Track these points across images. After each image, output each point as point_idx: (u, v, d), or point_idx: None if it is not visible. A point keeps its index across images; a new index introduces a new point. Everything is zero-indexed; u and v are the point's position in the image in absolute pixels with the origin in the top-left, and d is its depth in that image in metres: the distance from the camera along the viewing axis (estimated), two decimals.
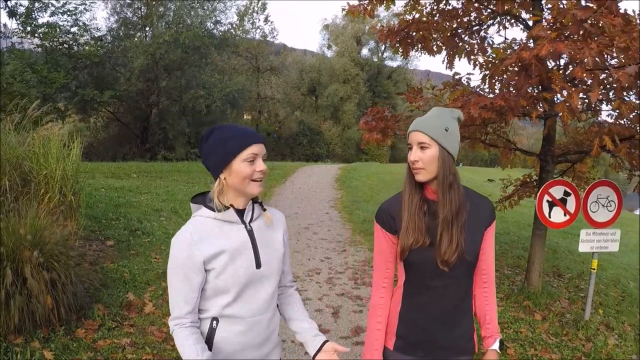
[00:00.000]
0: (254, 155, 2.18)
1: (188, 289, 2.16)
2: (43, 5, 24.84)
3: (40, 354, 4.40)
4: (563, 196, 6.24)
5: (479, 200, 2.39)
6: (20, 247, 4.68)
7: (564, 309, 6.71)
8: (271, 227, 2.39)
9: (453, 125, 2.29)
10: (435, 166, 2.24)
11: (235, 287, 2.19)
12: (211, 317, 2.22)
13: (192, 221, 2.23)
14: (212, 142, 2.19)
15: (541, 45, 4.47)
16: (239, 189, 2.20)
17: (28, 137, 6.70)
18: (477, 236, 2.33)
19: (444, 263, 2.23)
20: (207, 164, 2.23)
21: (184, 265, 2.13)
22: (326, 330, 5.69)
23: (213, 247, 2.15)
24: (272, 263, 2.32)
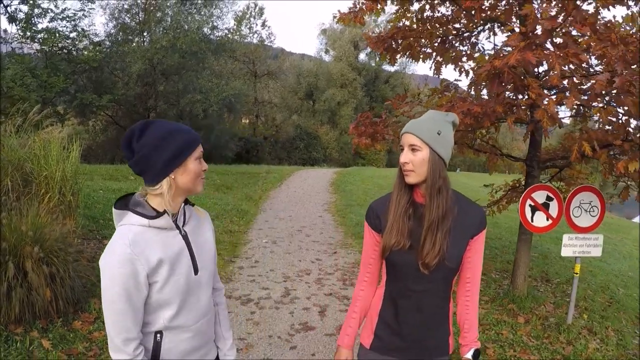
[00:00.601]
0: (202, 153, 2.12)
1: (135, 308, 1.98)
2: (42, 11, 24.96)
3: (39, 343, 4.63)
4: (546, 201, 6.34)
5: (469, 208, 2.37)
6: (21, 243, 4.90)
7: (548, 313, 6.80)
8: (200, 227, 2.29)
9: (446, 129, 2.28)
10: (425, 169, 2.24)
11: (177, 298, 2.07)
12: (154, 331, 2.08)
13: (124, 231, 2.00)
14: (153, 138, 2.00)
15: (510, 54, 4.62)
16: (188, 188, 2.10)
17: (29, 139, 6.90)
18: (462, 243, 2.33)
19: (425, 266, 2.26)
20: (149, 163, 2.01)
21: (128, 284, 1.93)
22: (312, 328, 5.87)
23: (154, 259, 2.00)
24: (207, 266, 2.25)
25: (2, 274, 4.64)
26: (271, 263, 8.60)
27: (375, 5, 6.58)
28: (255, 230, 11.42)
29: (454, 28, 7.19)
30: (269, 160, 45.89)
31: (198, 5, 33.02)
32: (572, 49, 4.64)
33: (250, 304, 6.54)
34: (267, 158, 46.53)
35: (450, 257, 2.27)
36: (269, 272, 8.04)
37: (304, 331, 5.78)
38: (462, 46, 7.33)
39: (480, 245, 2.39)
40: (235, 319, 6.01)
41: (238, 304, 6.49)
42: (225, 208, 13.28)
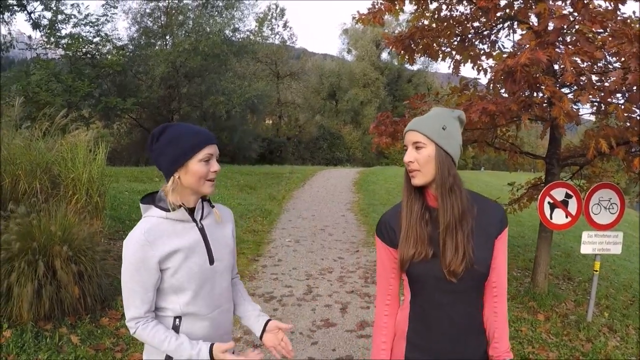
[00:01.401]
0: (209, 156, 2.20)
1: (144, 289, 2.15)
2: (66, 17, 25.23)
3: (68, 339, 4.79)
4: (565, 198, 6.34)
5: (487, 206, 2.19)
6: (50, 242, 5.05)
7: (568, 311, 6.79)
8: (220, 223, 2.41)
9: (452, 124, 2.13)
10: (431, 167, 2.06)
11: (191, 285, 2.20)
12: (173, 316, 2.24)
13: (144, 222, 2.20)
14: (165, 140, 2.18)
15: (522, 53, 4.67)
16: (194, 188, 2.21)
17: (56, 143, 7.08)
18: (488, 244, 2.12)
19: (452, 274, 2.04)
20: (160, 163, 2.20)
21: (139, 266, 2.12)
22: (333, 324, 5.95)
23: (167, 247, 2.16)
24: (224, 258, 2.36)
25: (33, 273, 4.80)
26: (294, 261, 8.70)
27: (393, 6, 6.61)
28: (279, 230, 11.53)
29: (473, 27, 7.19)
30: (293, 160, 45.95)
31: (219, 8, 33.18)
32: (583, 47, 4.67)
33: (273, 301, 6.65)
34: (290, 158, 46.59)
35: (478, 260, 2.06)
36: (291, 270, 8.15)
37: (325, 327, 5.86)
38: (481, 44, 7.33)
39: (503, 245, 2.17)
40: None
41: (261, 302, 6.59)
42: (249, 208, 13.42)
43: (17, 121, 7.60)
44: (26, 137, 7.06)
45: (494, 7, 5.88)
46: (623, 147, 5.65)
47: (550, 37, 4.85)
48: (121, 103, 25.57)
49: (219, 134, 33.64)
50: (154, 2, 32.63)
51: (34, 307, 4.80)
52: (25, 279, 4.75)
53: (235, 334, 5.43)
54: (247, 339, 5.38)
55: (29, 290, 4.72)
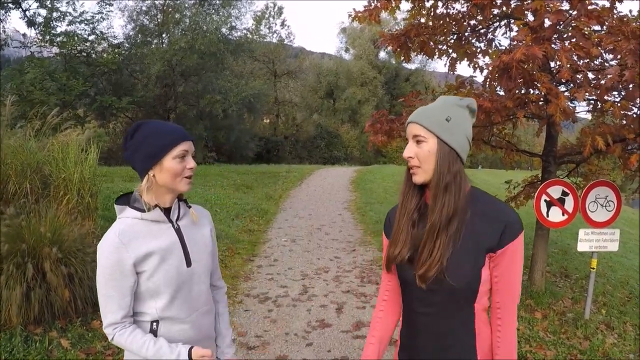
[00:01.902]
0: (184, 152, 2.15)
1: (120, 293, 2.09)
2: (61, 14, 25.17)
3: (58, 343, 4.71)
4: (561, 196, 6.31)
5: (492, 212, 1.90)
6: (40, 244, 4.98)
7: (566, 308, 6.77)
8: (198, 224, 2.36)
9: (458, 114, 1.92)
10: (433, 163, 1.88)
11: (168, 288, 2.15)
12: (151, 320, 2.17)
13: (118, 223, 2.14)
14: (139, 138, 2.13)
15: (517, 49, 4.61)
16: (169, 187, 2.15)
17: (48, 142, 7.01)
18: (476, 257, 1.87)
19: (420, 279, 1.88)
20: (134, 161, 2.15)
21: (114, 270, 2.06)
22: (328, 325, 5.90)
23: (142, 248, 2.10)
24: (202, 260, 2.30)
25: (22, 275, 4.73)
26: (290, 261, 8.65)
27: (389, 3, 6.56)
28: (275, 229, 11.49)
29: (470, 25, 7.15)
30: (290, 159, 45.90)
31: (216, 6, 33.10)
32: (580, 42, 4.61)
33: (268, 302, 6.59)
34: (287, 157, 46.55)
35: (452, 272, 1.84)
36: (287, 270, 8.10)
37: (321, 328, 5.81)
38: (478, 42, 7.31)
39: (509, 261, 1.87)
40: (252, 317, 6.07)
41: (256, 302, 6.55)
42: (245, 207, 13.39)
43: (9, 120, 7.52)
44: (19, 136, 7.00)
45: (490, 4, 5.83)
46: (619, 145, 5.59)
47: (546, 32, 4.80)
48: (116, 102, 25.52)
49: (216, 133, 33.67)
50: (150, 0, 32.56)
51: (23, 310, 4.73)
52: (14, 282, 4.69)
53: None
54: (240, 341, 5.32)
55: (18, 293, 4.65)
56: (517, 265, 1.90)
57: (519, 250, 1.89)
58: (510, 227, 1.87)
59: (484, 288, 1.90)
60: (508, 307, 1.92)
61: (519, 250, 1.89)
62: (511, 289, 1.91)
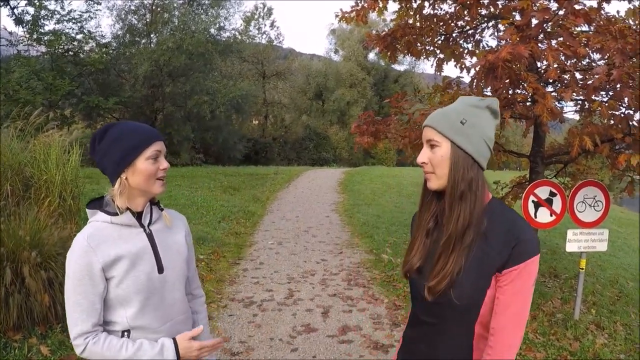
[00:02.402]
0: (157, 153, 2.08)
1: (90, 300, 1.99)
2: (49, 13, 25.03)
3: (37, 350, 4.60)
4: (549, 196, 6.27)
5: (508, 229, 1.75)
6: (19, 248, 4.86)
7: (555, 309, 6.72)
8: (171, 229, 2.28)
9: (476, 116, 1.81)
10: (445, 170, 1.79)
11: (138, 296, 2.05)
12: (121, 330, 2.07)
13: (88, 227, 2.07)
14: (108, 140, 2.05)
15: (503, 48, 4.54)
16: (143, 189, 2.08)
17: (29, 143, 6.90)
18: (481, 276, 1.74)
19: (429, 291, 1.78)
20: (104, 165, 2.07)
21: (83, 275, 1.97)
22: (314, 329, 5.82)
23: (111, 253, 2.01)
24: (175, 267, 2.21)
25: (0, 280, 4.61)
26: (276, 264, 8.57)
27: (376, 4, 6.51)
28: (262, 232, 11.41)
29: (457, 25, 7.11)
30: (278, 161, 45.81)
31: (205, 6, 33.06)
32: (567, 42, 4.56)
33: (252, 306, 6.51)
34: (276, 159, 46.46)
35: (459, 289, 1.73)
36: (273, 273, 8.01)
37: (306, 333, 5.73)
38: (466, 43, 7.28)
39: (513, 286, 1.71)
40: (236, 321, 5.98)
41: (240, 307, 6.46)
42: (232, 210, 13.30)
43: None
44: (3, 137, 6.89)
45: (476, 3, 5.78)
46: (607, 145, 5.57)
47: (532, 31, 4.73)
48: (103, 102, 25.35)
49: (204, 134, 33.56)
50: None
51: (2, 316, 4.62)
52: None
53: None
54: (224, 347, 5.24)
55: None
56: (522, 292, 1.72)
57: (528, 275, 1.72)
58: (521, 246, 1.71)
59: (487, 308, 1.76)
60: (502, 338, 1.73)
61: (527, 276, 1.71)
62: (510, 318, 1.72)
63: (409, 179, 22.99)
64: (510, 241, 1.70)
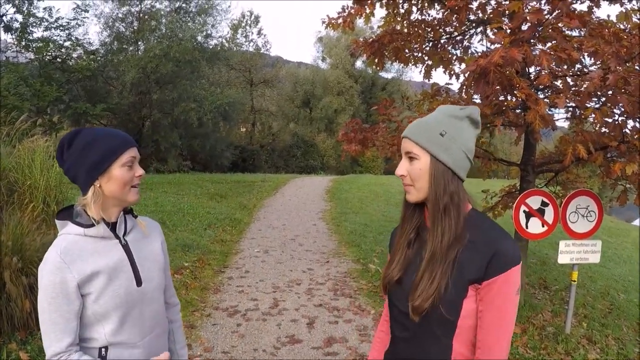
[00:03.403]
0: (133, 159, 1.99)
1: (65, 319, 1.87)
2: (37, 20, 25.08)
3: (17, 356, 4.51)
4: (540, 206, 6.20)
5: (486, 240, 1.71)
6: (0, 253, 4.76)
7: (545, 322, 6.63)
8: (147, 237, 2.18)
9: (456, 127, 1.77)
10: (425, 182, 1.74)
11: (117, 311, 1.96)
12: (99, 347, 1.97)
13: (59, 241, 1.94)
14: (79, 146, 1.93)
15: (494, 52, 4.44)
16: (117, 197, 1.97)
17: (14, 149, 6.81)
18: (455, 287, 1.68)
19: (415, 310, 1.71)
20: (75, 172, 1.95)
21: (57, 293, 1.85)
22: (299, 341, 5.71)
23: (87, 268, 1.90)
24: (153, 278, 2.12)
25: None
26: (261, 273, 8.45)
27: (363, 9, 6.45)
28: (248, 240, 11.29)
29: (445, 31, 7.06)
30: (266, 168, 45.73)
31: (192, 14, 33.08)
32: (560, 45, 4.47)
33: (237, 315, 6.39)
34: (263, 166, 46.38)
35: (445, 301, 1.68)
36: (258, 282, 7.89)
37: (290, 344, 5.61)
38: (454, 50, 7.23)
39: (495, 297, 1.66)
40: (220, 331, 5.87)
41: (224, 316, 6.34)
42: (218, 217, 13.18)
43: None
44: None
45: (465, 7, 5.71)
46: (601, 153, 5.48)
47: (525, 34, 4.65)
48: (91, 109, 25.48)
49: (191, 141, 33.48)
50: (127, 7, 32.39)
51: None
52: None
53: (195, 350, 5.19)
54: (206, 357, 5.12)
55: None
56: (505, 303, 1.67)
57: (509, 285, 1.66)
58: (499, 257, 1.65)
59: (465, 323, 1.70)
60: (489, 351, 1.68)
61: (508, 286, 1.66)
62: (495, 330, 1.68)
63: (397, 188, 22.92)
64: (488, 252, 1.66)
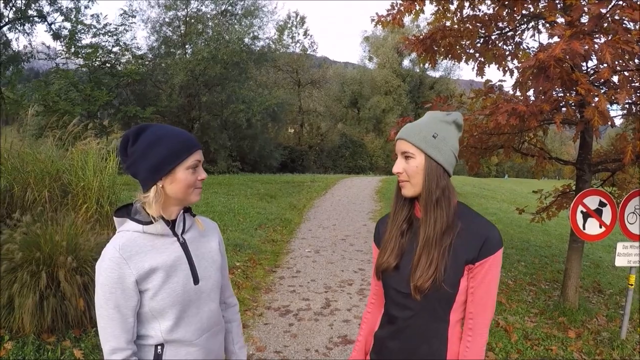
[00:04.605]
0: (197, 162, 1.98)
1: (123, 315, 1.88)
2: (85, 27, 25.67)
3: (70, 352, 4.58)
4: (598, 207, 6.01)
5: (475, 226, 2.00)
6: (55, 252, 4.85)
7: (600, 327, 6.42)
8: (205, 236, 2.17)
9: (445, 130, 2.02)
10: (420, 179, 1.98)
11: (174, 309, 1.95)
12: (155, 344, 1.98)
13: (117, 237, 1.94)
14: (144, 143, 1.91)
15: (555, 45, 4.30)
16: (180, 198, 1.97)
17: (67, 151, 6.96)
18: (458, 266, 1.95)
19: (417, 290, 1.94)
20: (138, 169, 1.93)
21: (115, 288, 1.85)
22: (351, 341, 5.65)
23: (145, 264, 1.90)
24: (210, 277, 2.11)
25: (35, 284, 4.60)
26: (313, 273, 8.43)
27: (413, 6, 6.37)
28: (298, 240, 11.30)
29: (497, 27, 6.91)
30: (314, 169, 45.87)
31: (238, 17, 33.38)
32: (622, 37, 4.30)
33: (289, 315, 6.38)
34: (312, 167, 46.53)
35: (447, 279, 1.93)
36: (310, 282, 7.87)
37: (343, 344, 5.57)
38: (505, 46, 7.07)
39: (485, 275, 1.95)
40: (272, 331, 5.86)
41: (276, 315, 6.34)
42: (269, 217, 13.22)
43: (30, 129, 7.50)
44: (47, 145, 7.00)
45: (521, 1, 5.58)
46: None
47: (586, 26, 4.49)
48: (140, 112, 25.91)
49: (240, 142, 33.79)
50: (173, 11, 32.89)
51: (37, 319, 4.60)
52: (27, 290, 4.55)
53: (248, 350, 5.18)
54: (259, 357, 5.13)
55: (31, 301, 4.52)
56: (493, 279, 1.97)
57: (496, 265, 1.97)
58: (490, 241, 1.95)
59: (460, 298, 1.98)
60: (480, 319, 1.98)
61: (495, 265, 1.96)
62: (485, 302, 1.97)
63: None
64: (480, 237, 1.95)
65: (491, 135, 6.49)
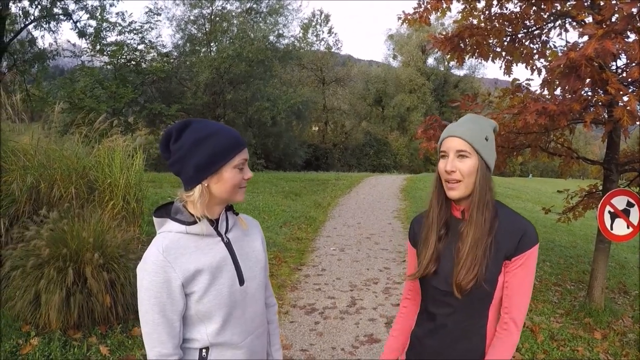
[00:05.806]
0: (244, 161, 1.92)
1: (169, 320, 1.82)
2: (110, 25, 25.91)
3: (96, 349, 4.62)
4: (626, 207, 5.93)
5: (511, 223, 2.02)
6: (82, 249, 4.89)
7: (626, 328, 6.30)
8: (248, 235, 2.11)
9: (491, 135, 2.05)
10: (473, 180, 1.97)
11: (220, 311, 1.90)
12: (200, 347, 1.93)
13: (160, 238, 1.88)
14: (189, 140, 1.84)
15: (587, 44, 4.23)
16: (225, 198, 1.92)
17: (94, 148, 7.01)
18: (497, 263, 1.97)
19: (459, 289, 1.95)
20: (182, 167, 1.86)
21: (161, 292, 1.79)
22: (377, 340, 5.62)
23: (191, 267, 1.84)
24: (255, 277, 2.06)
25: (62, 280, 4.64)
26: (338, 271, 8.41)
27: (440, 4, 6.32)
28: (323, 238, 11.28)
29: (524, 25, 6.84)
30: (339, 167, 45.88)
31: (263, 15, 33.46)
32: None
33: (314, 313, 6.37)
34: (336, 165, 46.53)
35: (487, 278, 1.95)
36: (335, 280, 7.85)
37: (369, 343, 5.54)
38: (532, 44, 6.99)
39: (521, 270, 1.97)
40: (298, 329, 5.85)
41: (302, 314, 6.33)
42: (294, 215, 13.23)
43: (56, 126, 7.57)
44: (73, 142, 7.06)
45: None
46: None
47: (619, 25, 4.41)
48: (165, 109, 26.06)
49: (265, 140, 33.91)
50: (198, 9, 33.05)
51: (63, 315, 4.65)
52: (54, 287, 4.61)
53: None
54: (285, 355, 5.11)
55: (58, 298, 4.57)
56: (529, 273, 1.99)
57: (532, 260, 1.99)
58: (527, 236, 1.98)
59: (498, 294, 2.00)
60: (515, 313, 1.98)
61: (532, 260, 1.99)
62: (520, 296, 1.98)
63: None
64: (518, 233, 1.97)
65: (518, 134, 6.43)
